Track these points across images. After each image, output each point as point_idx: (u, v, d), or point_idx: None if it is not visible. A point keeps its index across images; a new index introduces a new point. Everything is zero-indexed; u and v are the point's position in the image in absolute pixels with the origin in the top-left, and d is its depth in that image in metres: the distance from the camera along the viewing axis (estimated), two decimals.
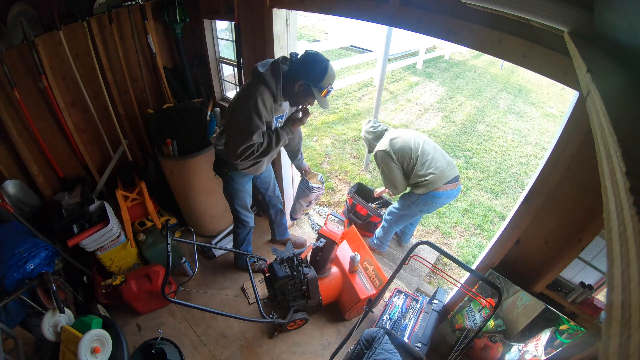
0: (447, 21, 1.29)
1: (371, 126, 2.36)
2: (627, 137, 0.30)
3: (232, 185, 1.98)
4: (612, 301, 0.22)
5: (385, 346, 1.51)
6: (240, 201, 2.08)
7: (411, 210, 2.31)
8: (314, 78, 1.54)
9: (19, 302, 1.67)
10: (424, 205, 2.23)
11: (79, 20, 2.03)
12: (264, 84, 1.57)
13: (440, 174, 2.08)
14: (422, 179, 2.10)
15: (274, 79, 1.58)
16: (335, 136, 4.64)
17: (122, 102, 2.50)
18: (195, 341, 2.10)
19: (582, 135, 1.16)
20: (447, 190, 2.16)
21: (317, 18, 11.79)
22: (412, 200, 2.26)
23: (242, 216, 2.16)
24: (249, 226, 2.25)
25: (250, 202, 2.17)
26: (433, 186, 2.10)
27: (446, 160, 2.16)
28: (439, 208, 2.47)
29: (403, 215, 2.39)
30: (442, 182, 2.09)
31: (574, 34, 0.78)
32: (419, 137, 2.20)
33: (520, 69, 5.35)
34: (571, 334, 1.47)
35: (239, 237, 2.30)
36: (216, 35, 2.67)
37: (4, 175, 2.06)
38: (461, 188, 2.30)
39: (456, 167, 2.20)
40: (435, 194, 2.16)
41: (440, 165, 2.10)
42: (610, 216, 0.27)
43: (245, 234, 2.30)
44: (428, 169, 2.09)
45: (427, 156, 2.11)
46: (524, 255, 1.58)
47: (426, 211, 2.35)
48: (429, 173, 2.08)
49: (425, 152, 2.12)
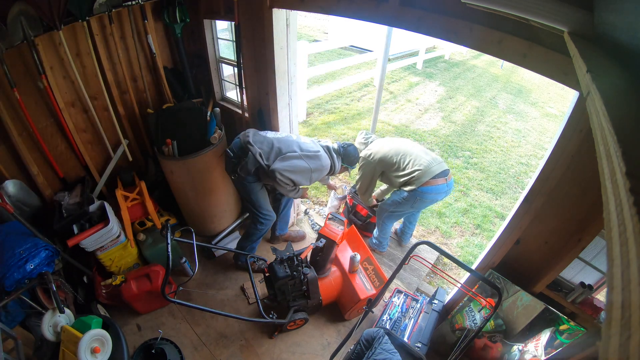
0: (447, 21, 1.29)
1: (363, 137, 2.58)
2: (627, 137, 0.30)
3: (254, 186, 2.10)
4: (612, 301, 0.22)
5: (385, 346, 1.51)
6: (261, 198, 2.17)
7: (402, 207, 2.36)
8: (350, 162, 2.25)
9: (19, 302, 1.67)
10: (414, 201, 2.28)
11: (79, 20, 2.03)
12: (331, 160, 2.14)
13: (426, 169, 2.20)
14: (409, 176, 2.23)
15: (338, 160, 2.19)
16: (335, 136, 4.64)
17: (122, 102, 2.49)
18: (195, 341, 2.10)
19: (582, 135, 1.16)
20: (436, 185, 2.21)
21: (317, 18, 11.80)
22: (402, 197, 2.30)
23: (264, 211, 2.25)
24: (272, 219, 2.34)
25: (268, 198, 2.28)
26: (420, 181, 2.19)
27: (431, 156, 2.29)
28: (430, 205, 2.53)
29: (393, 212, 2.44)
30: (429, 176, 2.19)
31: (574, 34, 0.78)
32: (401, 143, 2.40)
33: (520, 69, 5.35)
34: (571, 334, 1.47)
35: (258, 234, 2.35)
36: (216, 35, 2.67)
37: (4, 175, 2.05)
38: (453, 183, 2.34)
39: (444, 163, 2.29)
40: (424, 190, 2.21)
41: (424, 161, 2.23)
42: (610, 216, 0.27)
43: (266, 230, 2.36)
44: (413, 166, 2.23)
45: (409, 156, 2.27)
46: (524, 255, 1.58)
47: (417, 208, 2.42)
48: (415, 170, 2.21)
49: (408, 153, 2.29)
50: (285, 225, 2.69)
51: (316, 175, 2.09)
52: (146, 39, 2.38)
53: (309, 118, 5.14)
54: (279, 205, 2.53)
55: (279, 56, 2.04)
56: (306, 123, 4.99)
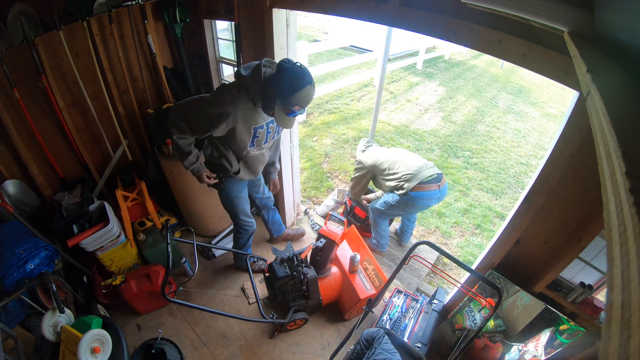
0: (447, 21, 1.29)
1: (364, 145, 2.69)
2: (627, 137, 0.30)
3: (227, 193, 1.95)
4: (612, 301, 0.22)
5: (385, 346, 1.51)
6: (239, 208, 2.06)
7: (393, 209, 2.38)
8: (281, 91, 1.42)
9: (19, 302, 1.66)
10: (405, 206, 2.31)
11: (79, 20, 2.03)
12: (244, 89, 1.50)
13: (416, 172, 2.23)
14: (398, 180, 2.28)
15: (254, 83, 1.48)
16: (335, 136, 4.64)
17: (122, 102, 2.49)
18: (195, 341, 2.10)
19: (582, 135, 1.16)
20: (429, 190, 2.23)
21: (317, 18, 11.80)
22: (395, 200, 2.32)
23: (242, 222, 2.14)
24: (251, 230, 2.24)
25: (249, 207, 2.15)
26: (410, 185, 2.21)
27: (422, 162, 2.33)
28: (423, 210, 2.56)
29: (384, 212, 2.46)
30: (418, 180, 2.21)
31: (574, 34, 0.78)
32: (396, 152, 2.47)
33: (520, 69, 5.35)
34: (571, 334, 1.46)
35: (240, 242, 2.29)
36: (216, 35, 2.67)
37: (4, 175, 2.05)
38: (447, 190, 2.35)
39: (436, 167, 2.32)
40: (416, 195, 2.22)
41: (413, 166, 2.27)
42: (610, 216, 0.27)
43: (247, 239, 2.28)
44: (402, 171, 2.28)
45: (400, 162, 2.33)
46: (524, 255, 1.57)
47: (409, 212, 2.46)
48: (407, 174, 2.25)
49: (399, 160, 2.35)
50: (279, 226, 2.64)
51: (215, 110, 1.47)
52: (146, 39, 2.38)
53: (309, 118, 5.14)
54: (263, 217, 2.50)
55: (279, 56, 2.04)
56: (306, 123, 4.99)
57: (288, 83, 1.40)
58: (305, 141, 4.46)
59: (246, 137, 1.64)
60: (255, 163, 1.86)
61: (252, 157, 1.80)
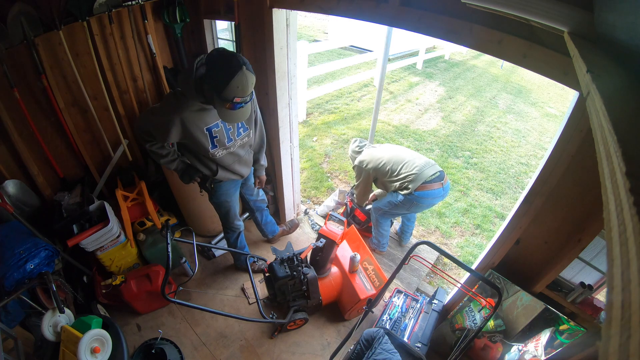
0: (447, 21, 1.29)
1: (357, 145, 2.65)
2: (627, 137, 0.30)
3: (218, 197, 1.94)
4: (612, 301, 0.22)
5: (385, 346, 1.51)
6: (229, 211, 2.06)
7: (397, 209, 2.37)
8: (214, 86, 1.30)
9: (19, 302, 1.66)
10: (410, 205, 2.30)
11: (79, 20, 2.03)
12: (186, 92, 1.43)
13: (420, 172, 2.22)
14: (403, 181, 2.26)
15: (186, 85, 1.41)
16: (335, 136, 4.64)
17: (122, 102, 2.49)
18: (195, 341, 2.10)
19: (582, 135, 1.16)
20: (432, 190, 2.23)
21: (317, 18, 11.80)
22: (398, 200, 2.31)
23: (230, 224, 2.16)
24: (238, 230, 2.24)
25: (240, 209, 2.15)
26: (415, 185, 2.20)
27: (424, 160, 2.32)
28: (427, 208, 2.56)
29: (388, 212, 2.46)
30: (422, 179, 2.20)
31: (574, 34, 0.78)
32: (394, 150, 2.43)
33: (520, 69, 5.35)
34: (571, 334, 1.46)
35: (230, 241, 2.30)
36: (216, 35, 2.67)
37: (4, 175, 2.05)
38: (449, 187, 2.35)
39: (437, 165, 2.32)
40: (420, 194, 2.22)
41: (417, 165, 2.25)
42: (610, 216, 0.27)
43: (235, 238, 2.28)
44: (406, 171, 2.25)
45: (402, 162, 2.30)
46: (524, 255, 1.58)
47: (414, 211, 2.45)
48: (409, 174, 2.23)
49: (400, 159, 2.32)
50: (272, 226, 2.62)
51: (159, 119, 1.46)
52: (146, 39, 2.38)
53: (309, 118, 5.14)
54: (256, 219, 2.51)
55: (279, 56, 2.04)
56: (306, 123, 4.99)
57: (217, 76, 1.28)
58: (305, 141, 4.46)
59: (203, 140, 1.56)
60: (231, 164, 1.76)
61: (222, 159, 1.70)
